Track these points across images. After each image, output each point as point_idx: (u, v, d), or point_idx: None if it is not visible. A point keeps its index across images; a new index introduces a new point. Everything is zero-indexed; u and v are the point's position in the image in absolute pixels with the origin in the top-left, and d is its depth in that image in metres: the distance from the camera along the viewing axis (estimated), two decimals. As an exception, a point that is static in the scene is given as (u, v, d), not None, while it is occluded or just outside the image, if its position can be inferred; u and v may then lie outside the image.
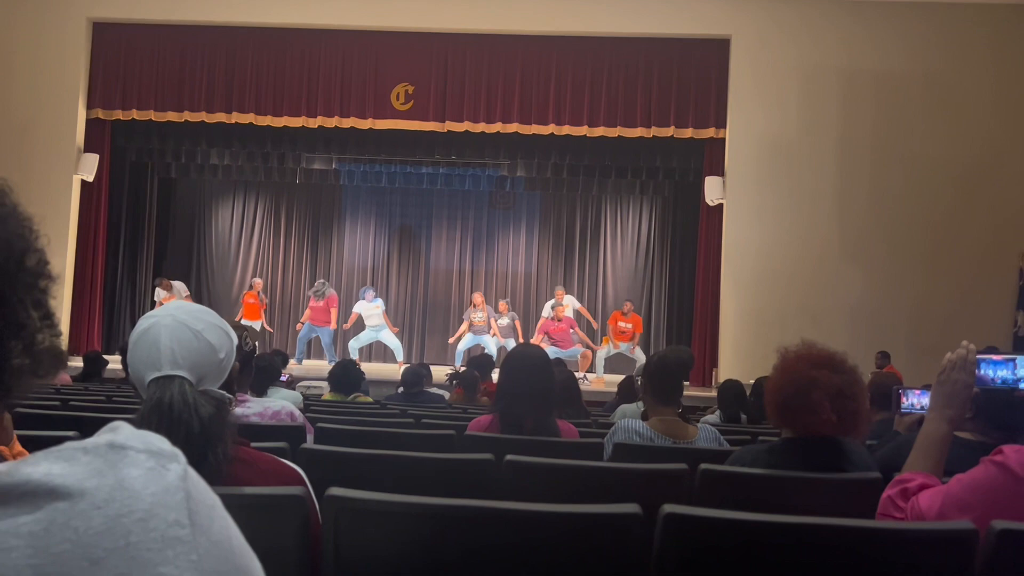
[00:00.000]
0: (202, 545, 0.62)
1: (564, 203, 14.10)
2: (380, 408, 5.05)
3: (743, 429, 4.23)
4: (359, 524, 1.47)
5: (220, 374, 1.45)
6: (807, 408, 2.07)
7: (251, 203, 14.23)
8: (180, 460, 0.67)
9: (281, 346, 13.29)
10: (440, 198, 14.05)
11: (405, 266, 14.27)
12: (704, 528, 1.46)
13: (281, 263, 14.21)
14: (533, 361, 2.99)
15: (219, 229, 14.19)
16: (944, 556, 1.42)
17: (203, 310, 1.47)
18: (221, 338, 1.45)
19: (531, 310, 13.83)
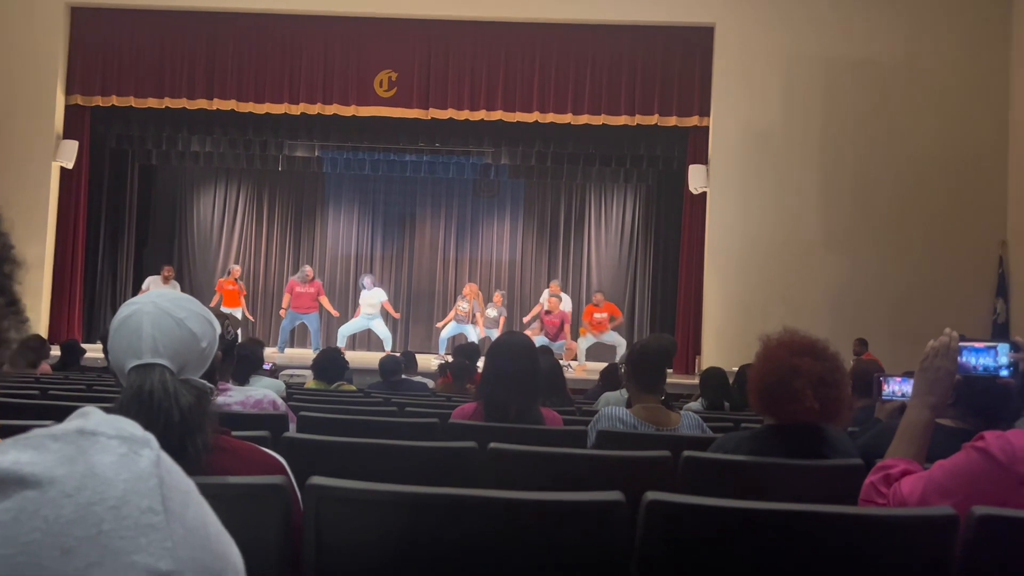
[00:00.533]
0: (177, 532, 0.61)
1: (548, 191, 14.08)
2: (364, 397, 5.04)
3: (726, 416, 4.25)
4: (341, 513, 1.46)
5: (202, 363, 1.44)
6: (790, 395, 2.08)
7: (233, 190, 14.12)
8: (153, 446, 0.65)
9: (264, 334, 13.25)
10: (424, 186, 13.99)
11: (389, 254, 14.23)
12: (687, 515, 1.47)
13: (264, 251, 14.13)
14: (518, 349, 2.98)
15: (201, 217, 14.08)
16: (925, 541, 1.43)
17: (186, 298, 1.46)
18: (204, 327, 1.43)
19: (515, 298, 13.84)
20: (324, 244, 14.16)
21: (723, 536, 1.47)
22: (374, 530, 1.46)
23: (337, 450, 2.37)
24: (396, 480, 1.52)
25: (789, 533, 1.46)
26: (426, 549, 1.44)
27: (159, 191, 13.86)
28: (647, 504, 1.45)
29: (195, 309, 1.44)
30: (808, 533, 1.46)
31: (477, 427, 2.80)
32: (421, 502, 1.46)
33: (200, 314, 1.44)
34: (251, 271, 14.03)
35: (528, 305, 13.03)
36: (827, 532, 1.45)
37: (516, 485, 1.72)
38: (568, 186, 13.89)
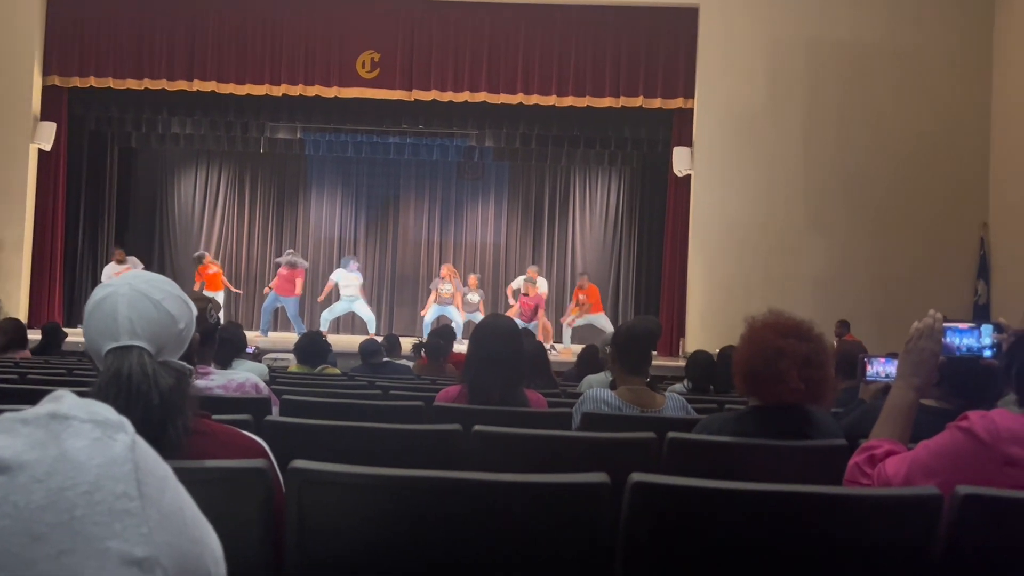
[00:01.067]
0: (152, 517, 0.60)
1: (533, 174, 14.06)
2: (347, 380, 5.03)
3: (710, 398, 4.27)
4: (324, 497, 1.45)
5: (180, 345, 1.42)
6: (774, 377, 2.08)
7: (214, 173, 14.01)
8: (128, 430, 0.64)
9: (248, 318, 13.19)
10: (407, 168, 13.94)
11: (373, 237, 14.18)
12: (672, 496, 1.47)
13: (246, 235, 14.05)
14: (502, 331, 2.98)
15: (182, 200, 13.97)
16: (910, 521, 1.43)
17: (162, 279, 1.44)
18: (181, 308, 1.42)
19: (499, 282, 13.84)
20: (307, 227, 14.09)
21: (708, 517, 1.47)
22: (358, 514, 1.45)
23: (320, 434, 2.36)
24: (380, 464, 1.51)
25: (773, 513, 1.46)
26: (410, 533, 1.44)
27: (139, 174, 13.73)
28: (632, 486, 1.45)
29: (171, 290, 1.42)
30: (793, 513, 1.46)
31: (462, 410, 2.80)
32: (405, 485, 1.45)
33: (177, 295, 1.43)
34: (232, 255, 13.94)
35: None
36: (812, 512, 1.46)
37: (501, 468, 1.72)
38: (552, 168, 13.88)
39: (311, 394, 3.48)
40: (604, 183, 13.95)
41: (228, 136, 12.33)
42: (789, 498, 1.46)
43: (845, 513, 1.45)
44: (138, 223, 13.58)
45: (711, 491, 1.46)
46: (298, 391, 3.64)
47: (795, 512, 1.46)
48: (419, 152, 13.09)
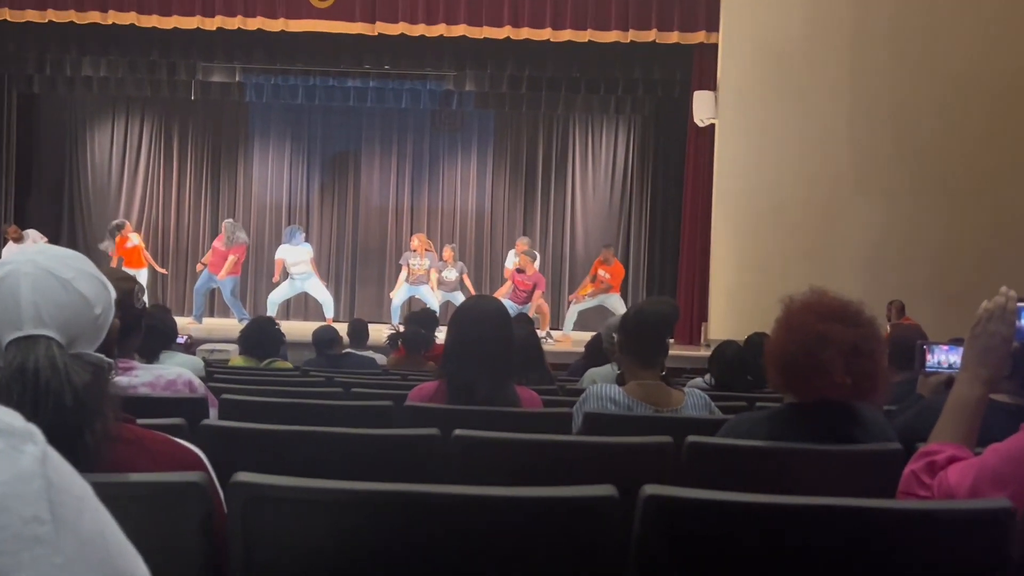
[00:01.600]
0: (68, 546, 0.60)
1: (523, 124, 14.02)
2: (300, 376, 5.03)
3: (738, 395, 4.29)
4: (274, 516, 1.45)
5: (96, 334, 1.42)
6: (816, 369, 2.09)
7: (135, 125, 13.92)
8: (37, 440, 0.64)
9: (178, 302, 13.16)
10: (371, 118, 13.87)
11: (329, 203, 14.13)
12: (693, 512, 1.48)
13: (174, 200, 13.98)
14: (488, 315, 2.98)
15: (96, 158, 13.88)
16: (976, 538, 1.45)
17: (72, 255, 1.43)
18: (96, 289, 1.41)
19: (483, 255, 13.84)
20: (248, 191, 14.04)
21: (735, 536, 1.48)
22: (315, 536, 1.45)
23: (268, 440, 2.36)
24: (341, 475, 1.51)
25: (814, 532, 1.48)
26: (377, 559, 1.44)
27: (43, 126, 13.61)
28: (645, 499, 1.46)
29: (85, 268, 1.42)
30: (837, 532, 1.47)
31: (439, 411, 2.81)
32: (372, 501, 1.45)
33: (91, 274, 1.42)
34: (158, 225, 13.88)
35: (500, 262, 13.02)
36: (860, 530, 1.47)
37: (487, 479, 1.73)
38: (547, 118, 13.83)
39: (256, 393, 3.48)
40: (609, 136, 13.93)
41: (151, 80, 12.22)
42: (833, 514, 1.47)
43: (900, 531, 1.47)
44: (42, 186, 13.48)
45: (740, 506, 1.47)
46: (241, 389, 3.64)
47: (840, 530, 1.47)
48: (384, 98, 13.01)
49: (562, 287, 13.61)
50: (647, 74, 11.69)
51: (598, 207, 13.95)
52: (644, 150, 13.53)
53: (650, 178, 13.40)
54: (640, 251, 13.52)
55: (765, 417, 2.32)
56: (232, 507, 1.46)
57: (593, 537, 1.43)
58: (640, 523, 1.46)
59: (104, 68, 11.92)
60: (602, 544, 1.43)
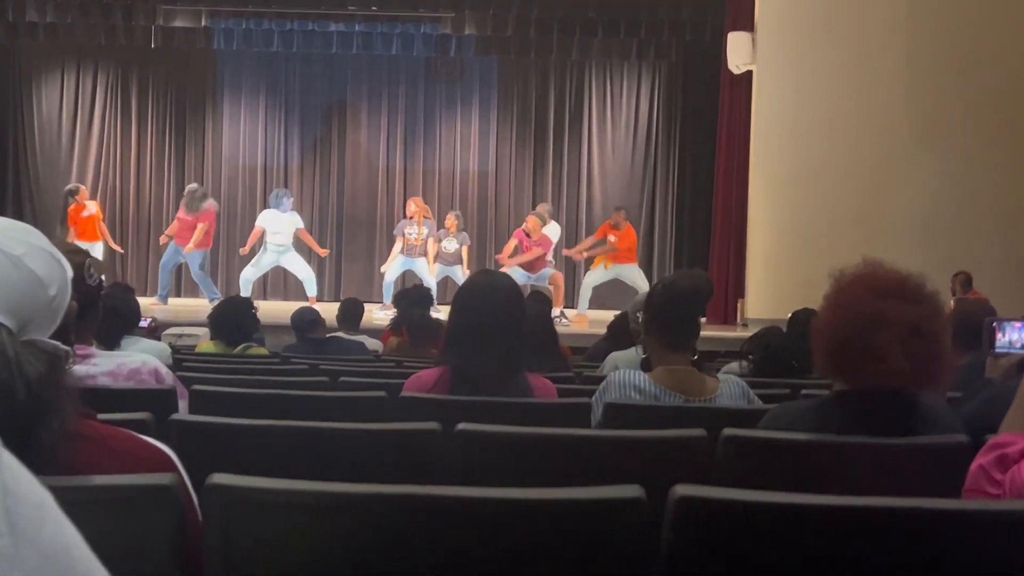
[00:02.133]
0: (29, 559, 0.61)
1: (532, 73, 13.97)
2: (280, 363, 5.04)
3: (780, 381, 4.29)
4: (254, 523, 1.46)
5: (51, 318, 1.42)
6: (871, 353, 2.09)
7: (88, 78, 13.91)
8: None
9: (140, 280, 13.19)
10: (358, 68, 13.83)
11: (310, 166, 14.12)
12: (730, 515, 1.48)
13: (133, 163, 13.99)
14: (498, 294, 2.98)
15: (44, 116, 13.89)
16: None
17: (22, 228, 1.43)
18: (50, 267, 1.42)
19: (487, 225, 13.82)
20: (217, 152, 14.03)
21: (779, 543, 1.49)
22: (302, 544, 1.46)
23: (246, 436, 2.37)
24: (330, 476, 1.52)
25: (869, 537, 1.48)
26: (372, 567, 1.45)
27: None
28: (676, 501, 1.46)
29: (36, 243, 1.42)
30: (895, 536, 1.48)
31: (440, 402, 2.81)
32: (365, 505, 1.46)
33: (44, 250, 1.42)
34: (116, 191, 13.89)
35: (505, 233, 13.01)
36: (921, 534, 1.48)
37: (494, 479, 1.73)
38: (560, 65, 13.78)
39: (231, 383, 3.49)
40: (631, 85, 13.87)
41: (106, 27, 12.20)
42: (891, 516, 1.48)
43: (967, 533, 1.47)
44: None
45: (784, 508, 1.48)
46: (214, 379, 3.66)
47: (898, 535, 1.48)
48: (373, 44, 12.96)
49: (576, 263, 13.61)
50: (674, 14, 11.63)
51: (618, 168, 13.91)
52: (671, 102, 13.47)
53: (677, 134, 13.36)
54: (667, 218, 13.49)
55: (812, 407, 2.32)
56: (208, 513, 1.47)
57: (617, 544, 1.44)
58: (670, 528, 1.47)
59: (51, 13, 11.91)
60: (627, 552, 1.44)
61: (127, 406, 2.30)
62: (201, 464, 1.63)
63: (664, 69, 13.52)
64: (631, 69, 13.76)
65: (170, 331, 8.09)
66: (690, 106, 13.13)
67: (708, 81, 12.24)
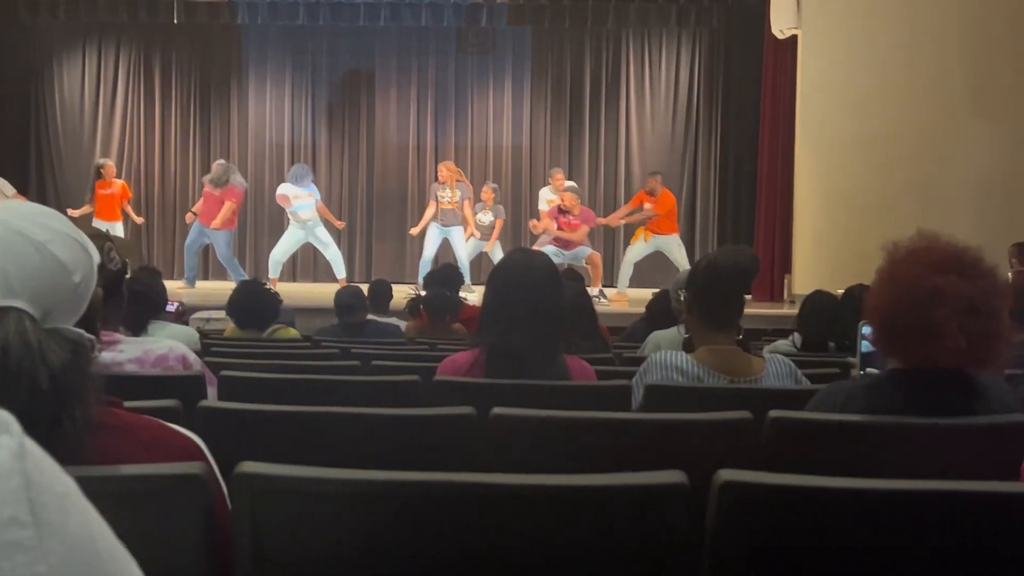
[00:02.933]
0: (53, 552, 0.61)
1: (566, 42, 13.91)
2: (311, 347, 5.07)
3: (830, 358, 4.27)
4: (284, 512, 1.47)
5: (76, 305, 1.43)
6: (927, 331, 2.07)
7: (110, 56, 13.99)
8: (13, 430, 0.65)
9: (166, 263, 13.30)
10: (386, 40, 13.83)
11: (338, 142, 14.16)
12: (777, 501, 1.48)
13: (158, 143, 14.08)
14: (534, 273, 2.99)
15: (66, 96, 13.99)
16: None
17: (47, 213, 1.44)
18: (75, 253, 1.42)
19: (521, 201, 13.80)
20: (243, 129, 14.09)
21: (828, 529, 1.48)
22: (333, 533, 1.47)
23: (276, 423, 2.39)
24: (362, 463, 1.53)
25: (924, 522, 1.47)
26: (405, 556, 1.46)
27: (3, 58, 13.71)
28: (720, 486, 1.46)
29: (61, 229, 1.43)
30: (952, 521, 1.47)
31: (475, 385, 2.82)
32: (397, 492, 1.47)
33: (69, 235, 1.43)
34: (140, 171, 13.98)
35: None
36: (979, 519, 1.46)
37: (531, 466, 1.74)
38: (595, 34, 13.71)
39: (261, 368, 3.52)
40: (670, 53, 13.77)
41: (128, 2, 12.26)
42: (947, 500, 1.47)
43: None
44: (3, 131, 13.63)
45: (833, 493, 1.47)
46: (242, 364, 3.68)
47: (955, 519, 1.47)
48: (401, 15, 12.95)
49: (616, 238, 13.56)
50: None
51: (657, 140, 13.83)
52: (712, 70, 13.37)
53: (720, 103, 13.26)
54: (709, 192, 13.42)
55: (863, 386, 2.31)
56: (237, 502, 1.48)
57: (659, 532, 1.44)
58: (715, 515, 1.47)
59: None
60: (669, 540, 1.43)
61: (154, 393, 2.32)
62: (230, 451, 1.64)
63: (705, 36, 13.41)
64: (670, 36, 13.66)
65: (198, 315, 8.15)
66: (732, 74, 13.03)
67: (751, 48, 12.14)
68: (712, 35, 13.28)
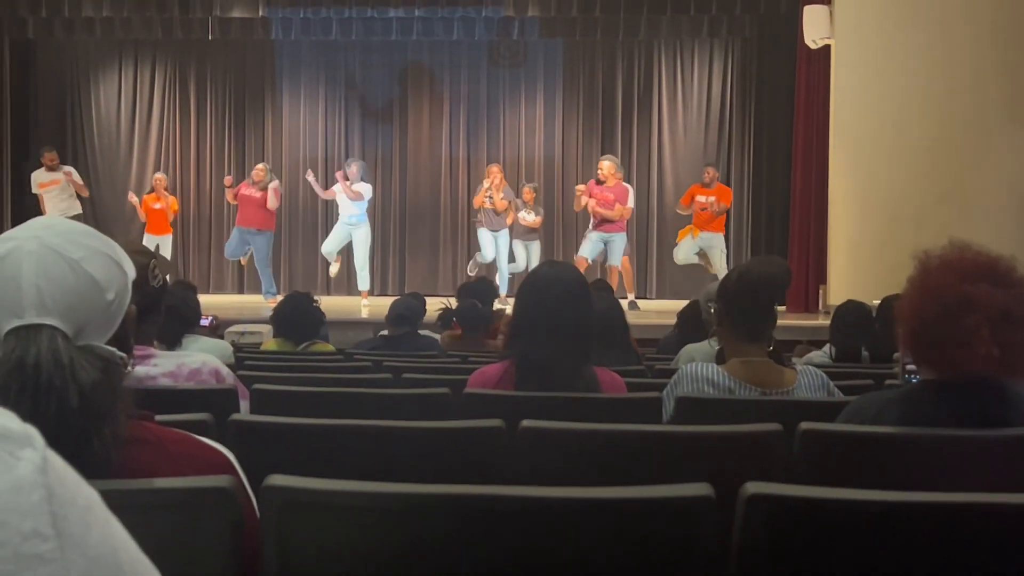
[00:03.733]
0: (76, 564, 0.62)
1: (599, 55, 13.92)
2: (344, 360, 5.08)
3: (862, 371, 4.24)
4: (314, 524, 1.47)
5: (108, 323, 1.44)
6: (958, 338, 2.06)
7: (146, 72, 14.12)
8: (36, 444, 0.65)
9: (201, 275, 13.38)
10: (418, 53, 13.89)
11: (371, 156, 14.20)
12: (807, 514, 1.47)
13: (193, 158, 14.17)
14: (564, 284, 2.99)
15: (102, 111, 14.13)
16: None
17: (83, 231, 1.45)
18: (110, 271, 1.44)
19: (554, 212, 13.78)
20: (278, 143, 14.17)
21: (860, 543, 1.47)
22: (361, 547, 1.48)
23: (307, 436, 2.40)
24: (391, 476, 1.53)
25: (959, 536, 1.46)
26: (434, 570, 1.46)
27: (41, 77, 13.89)
28: (748, 499, 1.46)
29: (96, 246, 1.44)
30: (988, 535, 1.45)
31: (505, 398, 2.82)
32: (426, 505, 1.47)
33: (104, 252, 1.44)
34: (177, 187, 14.06)
35: (573, 220, 12.97)
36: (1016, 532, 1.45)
37: (561, 478, 1.74)
38: (627, 46, 13.70)
39: (293, 381, 3.53)
40: (703, 64, 13.74)
41: (163, 19, 12.36)
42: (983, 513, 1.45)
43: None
44: (40, 146, 13.73)
45: (866, 506, 1.46)
46: (275, 378, 3.70)
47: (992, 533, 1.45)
48: (433, 30, 12.99)
49: (648, 247, 13.53)
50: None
51: (690, 151, 13.79)
52: (745, 80, 13.33)
53: (752, 113, 13.21)
54: (742, 201, 13.36)
55: (898, 397, 2.29)
56: (265, 515, 1.49)
57: (685, 544, 1.43)
58: (742, 527, 1.46)
59: (108, 7, 12.08)
60: (696, 552, 1.43)
61: (187, 407, 2.34)
62: (261, 465, 1.65)
63: (737, 46, 13.38)
64: (702, 47, 13.64)
65: (233, 328, 8.19)
66: (765, 84, 12.98)
67: (784, 58, 12.10)
68: (744, 45, 13.25)
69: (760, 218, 13.12)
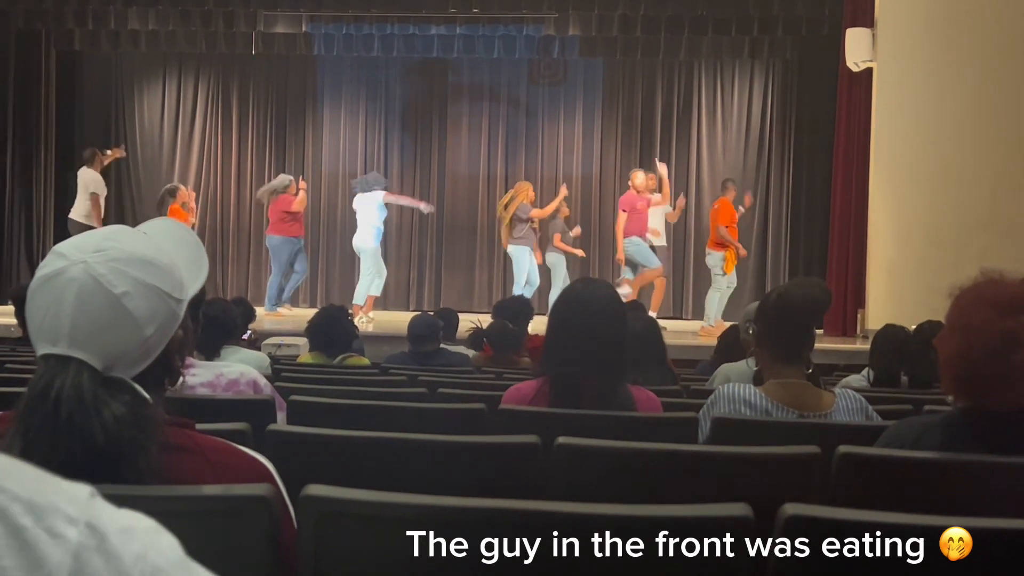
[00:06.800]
0: None
1: (638, 74, 13.92)
2: (379, 374, 5.10)
3: (901, 396, 4.20)
4: (350, 534, 1.48)
5: (142, 357, 1.44)
6: (1005, 376, 2.03)
7: (189, 85, 14.25)
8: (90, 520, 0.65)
9: (240, 288, 13.46)
10: (458, 71, 13.95)
11: (410, 171, 14.26)
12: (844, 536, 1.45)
13: (235, 170, 14.28)
14: (598, 302, 2.98)
15: (145, 122, 14.26)
16: None
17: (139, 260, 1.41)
18: (152, 304, 1.41)
19: (591, 230, 13.76)
20: (318, 157, 14.25)
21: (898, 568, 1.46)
22: (396, 558, 1.48)
23: (343, 447, 2.41)
24: (426, 489, 1.54)
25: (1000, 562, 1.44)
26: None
27: (86, 88, 14.05)
28: (786, 521, 1.45)
29: (145, 279, 1.40)
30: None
31: (540, 415, 2.82)
32: (461, 519, 1.47)
33: (150, 285, 1.41)
34: (218, 199, 14.19)
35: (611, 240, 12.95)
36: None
37: (595, 495, 1.73)
38: (667, 66, 13.69)
39: (329, 393, 3.55)
40: (743, 85, 13.71)
41: (207, 33, 12.49)
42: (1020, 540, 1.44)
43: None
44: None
45: (904, 529, 1.45)
46: (312, 389, 3.72)
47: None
48: (474, 47, 13.05)
49: (686, 267, 13.48)
50: (789, 9, 11.48)
51: (729, 172, 13.72)
52: (785, 102, 13.28)
53: (792, 135, 13.15)
54: (781, 223, 13.30)
55: (939, 422, 2.27)
56: (302, 523, 1.49)
57: (722, 564, 1.43)
58: (780, 550, 1.45)
59: (153, 20, 12.23)
60: (732, 573, 1.43)
61: (225, 416, 2.36)
62: (298, 475, 1.66)
63: (778, 68, 13.34)
64: (743, 68, 13.61)
65: (270, 340, 8.24)
66: (806, 106, 12.93)
67: (825, 80, 12.04)
68: (785, 67, 13.21)
69: (798, 240, 13.05)
